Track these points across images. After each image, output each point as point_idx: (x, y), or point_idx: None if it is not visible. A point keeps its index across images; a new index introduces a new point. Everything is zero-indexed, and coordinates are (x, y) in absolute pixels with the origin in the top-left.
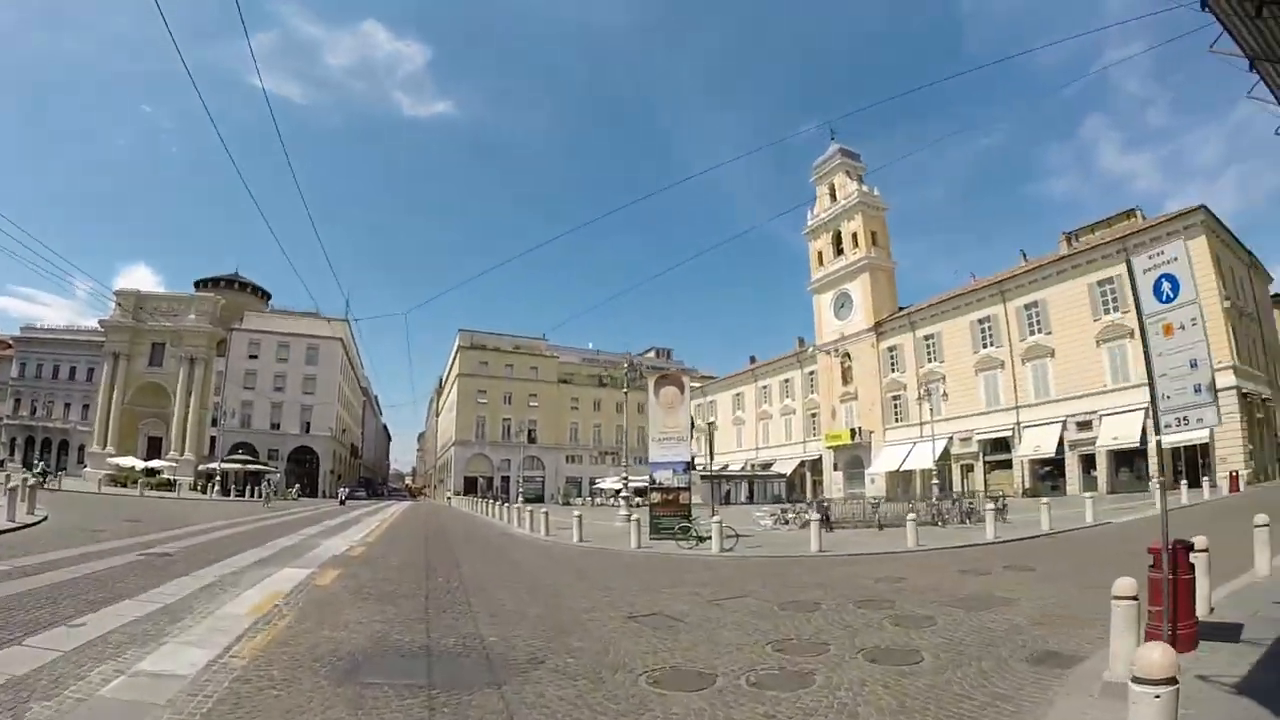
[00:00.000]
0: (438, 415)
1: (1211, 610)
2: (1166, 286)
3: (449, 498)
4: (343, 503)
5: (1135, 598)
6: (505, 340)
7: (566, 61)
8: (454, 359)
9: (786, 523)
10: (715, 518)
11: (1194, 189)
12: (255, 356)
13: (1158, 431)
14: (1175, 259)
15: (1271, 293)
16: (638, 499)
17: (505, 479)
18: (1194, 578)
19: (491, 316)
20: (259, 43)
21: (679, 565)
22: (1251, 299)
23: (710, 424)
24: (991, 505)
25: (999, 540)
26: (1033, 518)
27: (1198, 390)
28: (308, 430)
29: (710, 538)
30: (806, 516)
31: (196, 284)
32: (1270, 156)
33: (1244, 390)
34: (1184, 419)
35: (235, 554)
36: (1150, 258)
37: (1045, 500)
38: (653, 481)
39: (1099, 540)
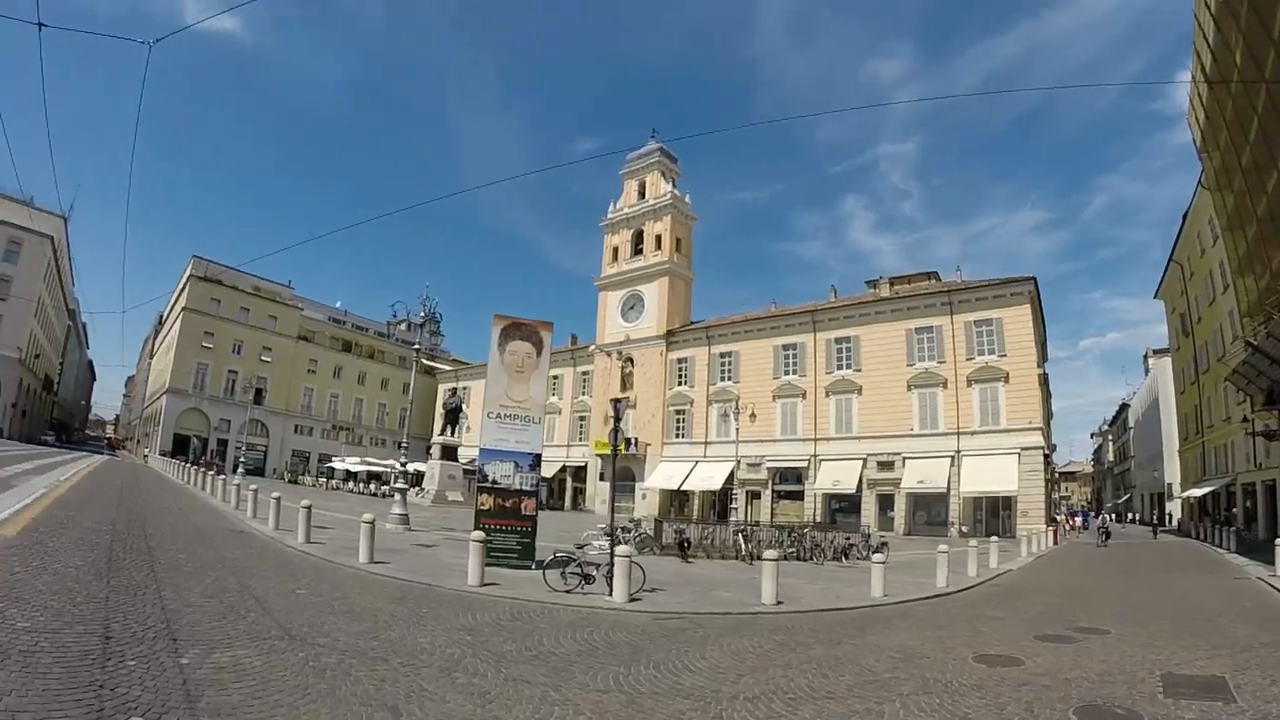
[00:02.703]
0: (151, 357)
1: None
2: None
3: (145, 456)
4: None
5: None
6: (245, 279)
7: (371, 10)
8: (182, 289)
9: (619, 544)
10: (622, 548)
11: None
12: None
13: None
14: None
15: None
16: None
17: (222, 442)
18: None
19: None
20: None
21: (618, 641)
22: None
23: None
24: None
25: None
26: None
27: None
28: None
29: (596, 575)
30: (633, 537)
31: None
32: (995, 260)
33: (1046, 451)
34: None
35: None
36: None
37: (944, 547)
38: (483, 477)
39: (1029, 594)
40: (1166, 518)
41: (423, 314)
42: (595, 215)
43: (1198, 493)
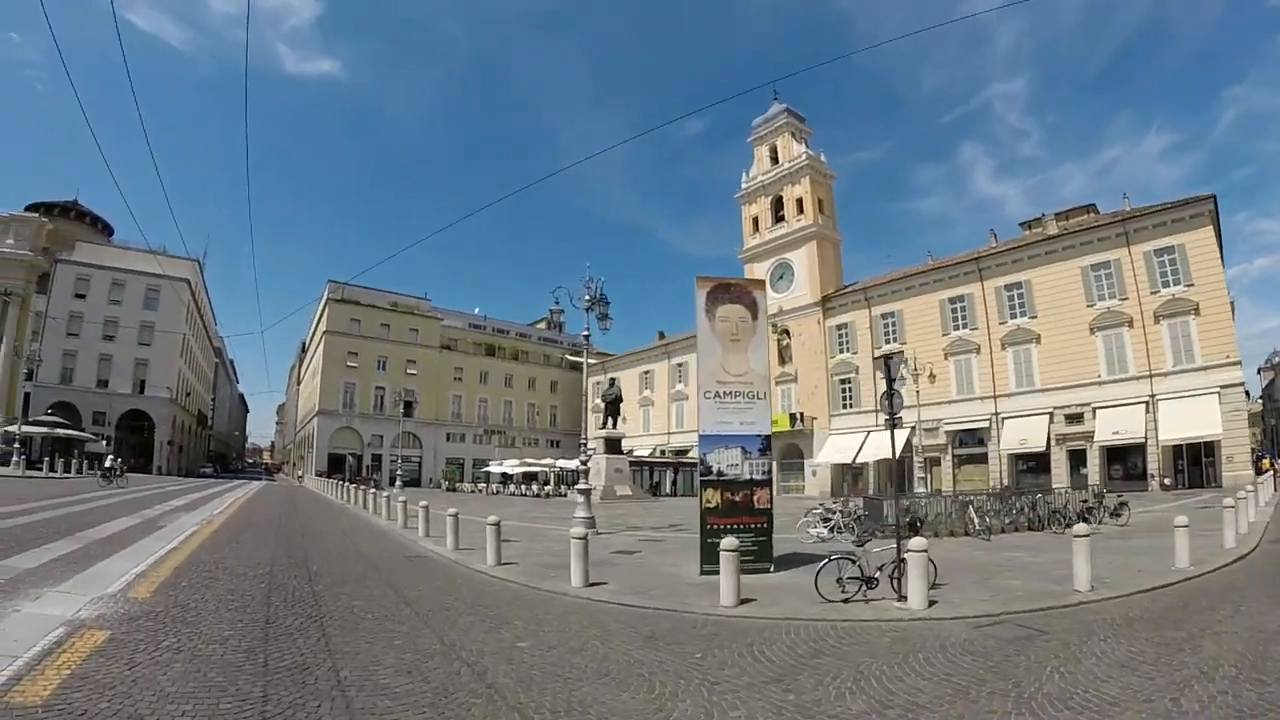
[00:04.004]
0: (299, 383)
1: None
2: None
3: (301, 478)
4: (106, 477)
5: None
6: (381, 296)
7: (455, 35)
8: (321, 313)
9: (842, 530)
10: (917, 540)
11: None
12: (83, 296)
13: None
14: None
15: None
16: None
17: (376, 457)
18: None
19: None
20: None
21: (978, 673)
22: None
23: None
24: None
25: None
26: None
27: None
28: (142, 390)
29: (879, 576)
30: (845, 519)
31: (28, 209)
32: (1129, 190)
33: (1247, 389)
34: None
35: None
36: None
37: (1229, 502)
38: (706, 469)
39: None
40: None
41: (588, 297)
42: (710, 197)
43: None
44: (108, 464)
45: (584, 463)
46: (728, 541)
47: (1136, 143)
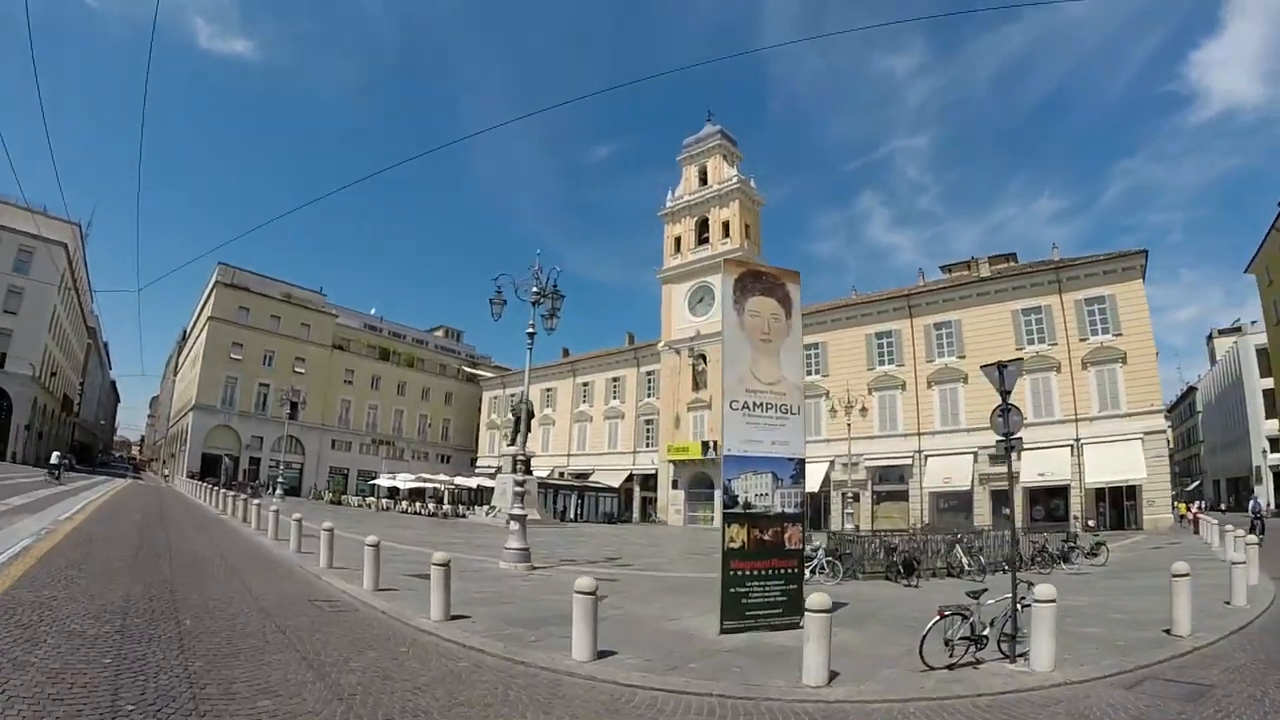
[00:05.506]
0: (175, 374)
1: None
2: None
3: (167, 477)
4: (53, 474)
5: None
6: (275, 285)
7: (381, 28)
8: (207, 297)
9: (824, 569)
10: (1044, 587)
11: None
12: None
13: None
14: None
15: None
16: (487, 511)
17: (254, 461)
18: None
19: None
20: None
21: None
22: None
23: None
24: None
25: None
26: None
27: None
28: (2, 365)
29: (987, 635)
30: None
31: None
32: (1013, 248)
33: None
34: None
35: None
36: None
37: (1251, 540)
38: (730, 500)
39: None
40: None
41: (536, 289)
42: (618, 222)
43: None
44: (54, 460)
45: (520, 483)
46: (817, 599)
47: (1028, 205)
